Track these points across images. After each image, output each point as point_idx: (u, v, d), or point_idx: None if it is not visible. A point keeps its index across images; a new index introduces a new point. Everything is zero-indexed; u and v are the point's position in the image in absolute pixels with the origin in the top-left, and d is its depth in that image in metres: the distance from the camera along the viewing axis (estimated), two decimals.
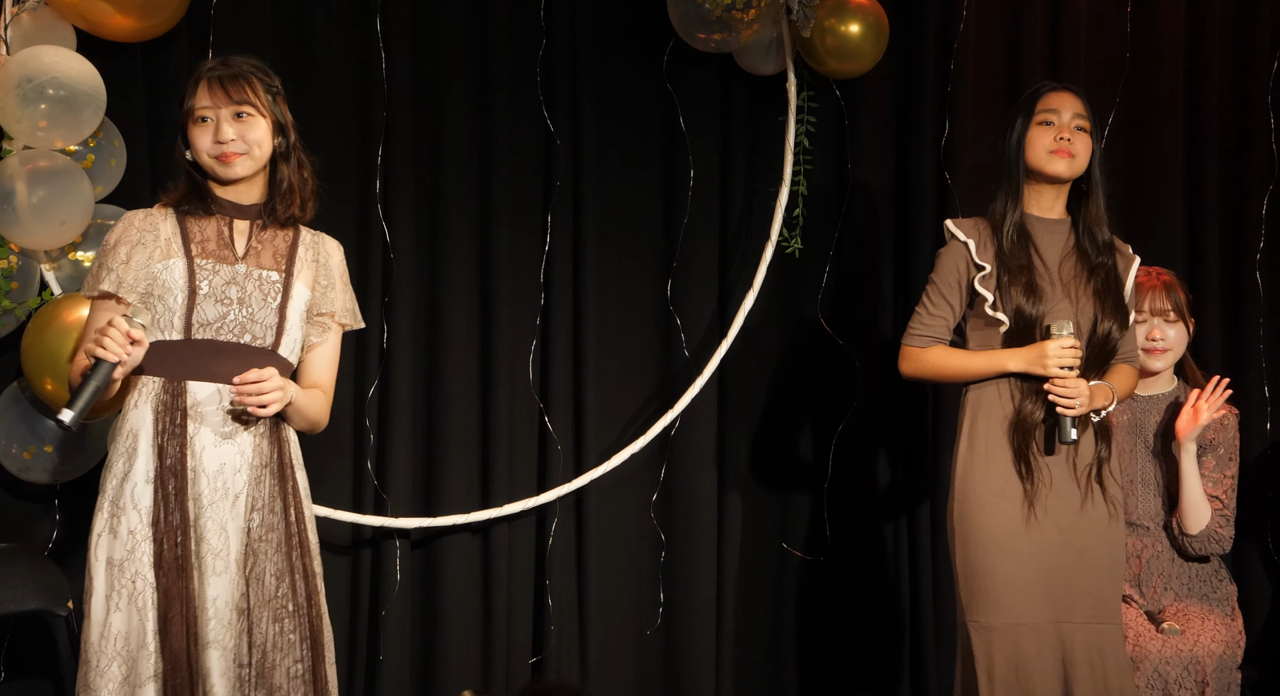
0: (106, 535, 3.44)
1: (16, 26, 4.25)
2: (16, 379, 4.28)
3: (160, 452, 3.44)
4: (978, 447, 3.98)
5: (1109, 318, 4.00)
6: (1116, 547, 4.00)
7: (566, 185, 4.87)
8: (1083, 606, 3.92)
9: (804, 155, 4.95)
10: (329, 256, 3.68)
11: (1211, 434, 4.42)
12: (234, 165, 3.53)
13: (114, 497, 3.45)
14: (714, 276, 5.01)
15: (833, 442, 5.03)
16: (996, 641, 3.91)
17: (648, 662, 4.95)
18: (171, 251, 3.51)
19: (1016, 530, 3.92)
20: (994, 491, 3.94)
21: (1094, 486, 3.96)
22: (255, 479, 3.50)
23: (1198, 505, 4.33)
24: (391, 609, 4.67)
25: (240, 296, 3.52)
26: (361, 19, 4.70)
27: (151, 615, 3.39)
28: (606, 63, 4.93)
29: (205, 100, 3.53)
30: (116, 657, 3.39)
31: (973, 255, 4.02)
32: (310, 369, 3.67)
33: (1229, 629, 4.30)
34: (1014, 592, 3.90)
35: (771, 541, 5.04)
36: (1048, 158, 4.01)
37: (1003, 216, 4.02)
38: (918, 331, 4.08)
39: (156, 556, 3.40)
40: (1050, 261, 4.01)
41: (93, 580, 3.42)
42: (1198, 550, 4.36)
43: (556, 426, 4.84)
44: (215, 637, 3.42)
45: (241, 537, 3.47)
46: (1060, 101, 4.04)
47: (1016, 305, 3.96)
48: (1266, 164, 5.15)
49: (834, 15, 4.80)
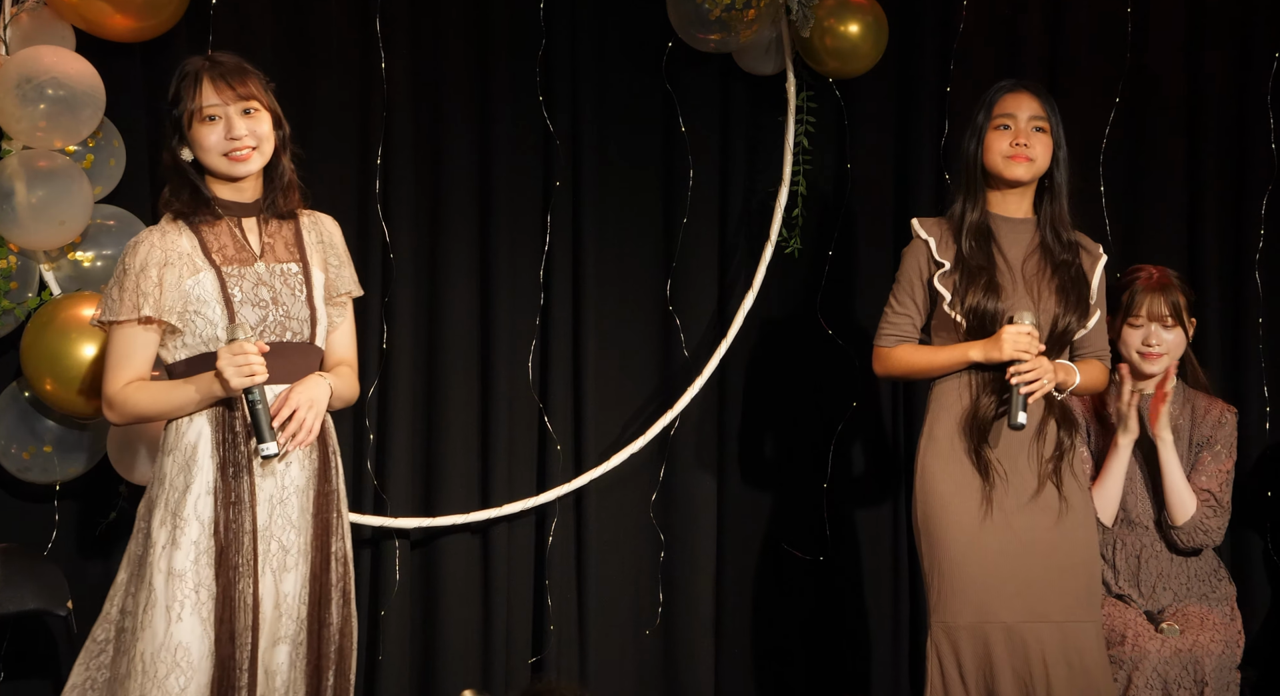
0: (170, 547, 3.42)
1: (16, 26, 4.25)
2: (16, 379, 4.29)
3: (221, 463, 3.45)
4: (938, 446, 4.00)
5: (1069, 313, 4.02)
6: (1079, 543, 3.98)
7: (566, 185, 4.87)
8: (1058, 605, 3.92)
9: (804, 155, 4.95)
10: (331, 234, 3.67)
11: (1209, 431, 4.42)
12: (249, 162, 3.51)
13: (174, 510, 3.43)
14: (714, 276, 5.01)
15: (833, 442, 5.03)
16: (964, 640, 3.92)
17: (648, 662, 4.95)
18: (197, 265, 3.49)
19: (977, 528, 3.93)
20: (954, 490, 3.96)
21: (1050, 480, 3.95)
22: (315, 471, 3.52)
23: (1181, 494, 4.34)
24: (391, 609, 4.67)
25: (272, 296, 3.51)
26: (361, 19, 4.70)
27: (213, 627, 3.40)
28: (606, 62, 4.93)
29: (212, 97, 3.49)
30: (175, 668, 3.38)
31: (932, 252, 4.05)
32: (335, 348, 3.67)
33: (1228, 629, 4.30)
34: (980, 591, 3.91)
35: (771, 541, 5.04)
36: (1005, 163, 4.02)
37: (961, 218, 4.05)
38: (885, 331, 4.13)
39: (217, 565, 3.41)
40: (1013, 260, 4.03)
41: (154, 591, 3.40)
42: (1186, 542, 4.36)
43: (556, 426, 4.84)
44: (287, 633, 3.47)
45: (308, 531, 3.50)
46: (1016, 104, 4.04)
47: (974, 303, 3.97)
48: (1266, 164, 5.15)
49: (834, 15, 4.80)
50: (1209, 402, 4.47)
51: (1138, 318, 4.38)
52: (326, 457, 3.56)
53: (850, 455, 5.04)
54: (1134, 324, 4.39)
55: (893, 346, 4.11)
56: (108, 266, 4.24)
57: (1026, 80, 4.17)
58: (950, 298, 4.00)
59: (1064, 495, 3.96)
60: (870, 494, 5.06)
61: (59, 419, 4.24)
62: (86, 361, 4.06)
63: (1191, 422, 4.44)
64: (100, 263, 4.28)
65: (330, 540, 3.54)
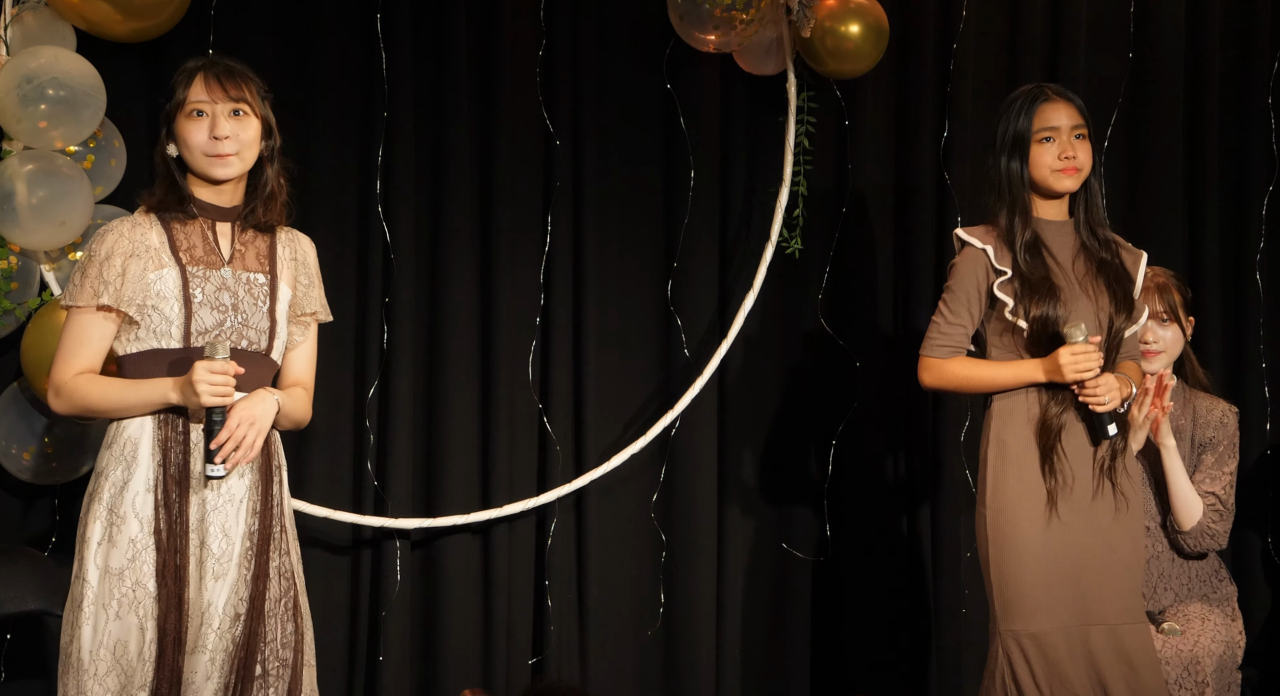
0: (105, 543, 3.39)
1: (16, 26, 4.25)
2: (16, 379, 4.29)
3: (163, 461, 3.42)
4: (1010, 455, 3.92)
5: (1120, 311, 3.99)
6: (1133, 543, 3.96)
7: (566, 185, 4.87)
8: (1112, 609, 3.89)
9: (804, 155, 4.95)
10: (305, 254, 3.64)
11: (1211, 431, 4.42)
12: (228, 166, 3.47)
13: (111, 506, 3.40)
14: (714, 276, 5.01)
15: (833, 443, 5.03)
16: (1036, 648, 3.86)
17: (648, 663, 4.95)
18: (163, 261, 3.46)
19: (1047, 534, 3.87)
20: (1026, 497, 3.89)
21: (1105, 481, 3.93)
22: (253, 483, 3.48)
23: (1187, 500, 4.33)
24: (391, 609, 4.67)
25: (234, 302, 3.49)
26: (361, 19, 4.70)
27: (151, 625, 3.37)
28: (606, 63, 4.93)
29: (201, 94, 3.47)
30: (115, 666, 3.36)
31: (992, 260, 3.96)
32: (292, 368, 3.63)
33: (1229, 629, 4.30)
34: (1052, 598, 3.86)
35: (772, 541, 5.04)
36: (1055, 177, 3.96)
37: (1011, 231, 3.96)
38: (938, 342, 4.01)
39: (159, 565, 3.38)
40: (1064, 262, 3.98)
41: (89, 586, 3.38)
42: (1192, 546, 4.36)
43: (556, 426, 4.84)
44: (204, 643, 3.40)
45: (243, 541, 3.45)
46: (1057, 114, 3.98)
47: (1040, 310, 3.91)
48: (1266, 164, 5.15)
49: (834, 16, 4.79)
50: (1211, 403, 4.46)
51: None
52: (270, 472, 3.51)
53: (851, 455, 5.04)
54: None
55: (946, 357, 4.01)
56: None
57: (1052, 86, 4.09)
58: (1013, 304, 3.94)
59: (1121, 493, 3.93)
60: (870, 494, 5.06)
61: (59, 419, 4.24)
62: None
63: (1193, 423, 4.44)
64: None
65: (269, 554, 3.47)
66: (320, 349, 3.71)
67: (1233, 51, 5.19)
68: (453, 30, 4.78)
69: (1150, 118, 5.16)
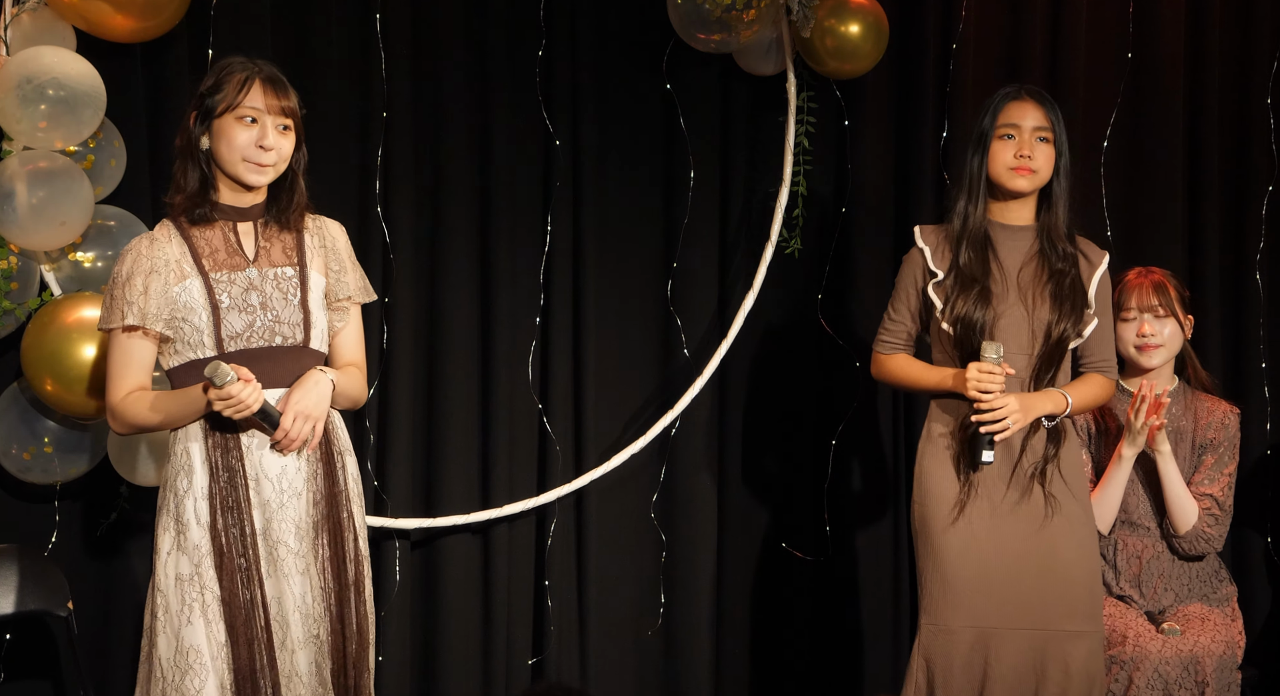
0: (175, 552, 3.46)
1: (16, 26, 4.25)
2: (16, 379, 4.28)
3: (213, 467, 3.46)
4: (936, 447, 4.01)
5: (1064, 320, 3.99)
6: (1074, 549, 3.95)
7: (566, 185, 4.87)
8: (1055, 613, 3.91)
9: (804, 155, 4.96)
10: (334, 240, 3.67)
11: (1213, 432, 4.42)
12: (263, 175, 3.52)
13: (177, 515, 3.47)
14: (714, 276, 5.02)
15: (833, 443, 5.03)
16: (956, 643, 3.92)
17: (648, 663, 4.95)
18: (185, 272, 3.50)
19: (972, 531, 3.93)
20: (949, 492, 3.96)
21: (1034, 487, 3.94)
22: (313, 473, 3.52)
23: (1183, 504, 4.34)
24: (391, 609, 4.67)
25: (262, 301, 3.52)
26: (361, 19, 4.70)
27: (220, 628, 3.42)
28: (606, 63, 4.93)
29: (258, 101, 3.50)
30: (189, 670, 3.40)
31: (928, 261, 4.04)
32: (342, 351, 3.67)
33: (1229, 629, 4.30)
34: (973, 595, 3.91)
35: (772, 541, 5.04)
36: (1009, 174, 4.00)
37: (960, 226, 4.02)
38: (882, 337, 4.16)
39: (218, 568, 3.43)
40: (1009, 268, 4.01)
41: (164, 596, 3.44)
42: (1187, 549, 4.37)
43: (556, 427, 4.84)
44: (306, 636, 3.47)
45: (309, 533, 3.50)
46: (1021, 113, 4.01)
47: (962, 312, 3.96)
48: (1266, 164, 5.15)
49: (834, 15, 4.80)
50: (1212, 404, 4.47)
51: (1129, 310, 4.39)
52: (331, 459, 3.55)
53: (850, 455, 5.04)
54: (1126, 318, 4.39)
55: (889, 354, 4.14)
56: (108, 267, 4.24)
57: (1030, 86, 4.12)
58: (942, 307, 4.00)
59: (1052, 500, 3.94)
60: (870, 494, 5.07)
61: (59, 419, 4.24)
62: (87, 362, 4.06)
63: (1194, 424, 4.44)
64: (101, 263, 4.28)
65: (344, 540, 3.53)
66: None
67: (1233, 51, 5.19)
68: (452, 30, 4.77)
69: (1150, 118, 5.17)
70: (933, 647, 3.94)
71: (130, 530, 4.39)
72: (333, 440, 3.57)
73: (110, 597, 4.45)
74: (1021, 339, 3.96)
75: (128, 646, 4.30)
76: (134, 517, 4.37)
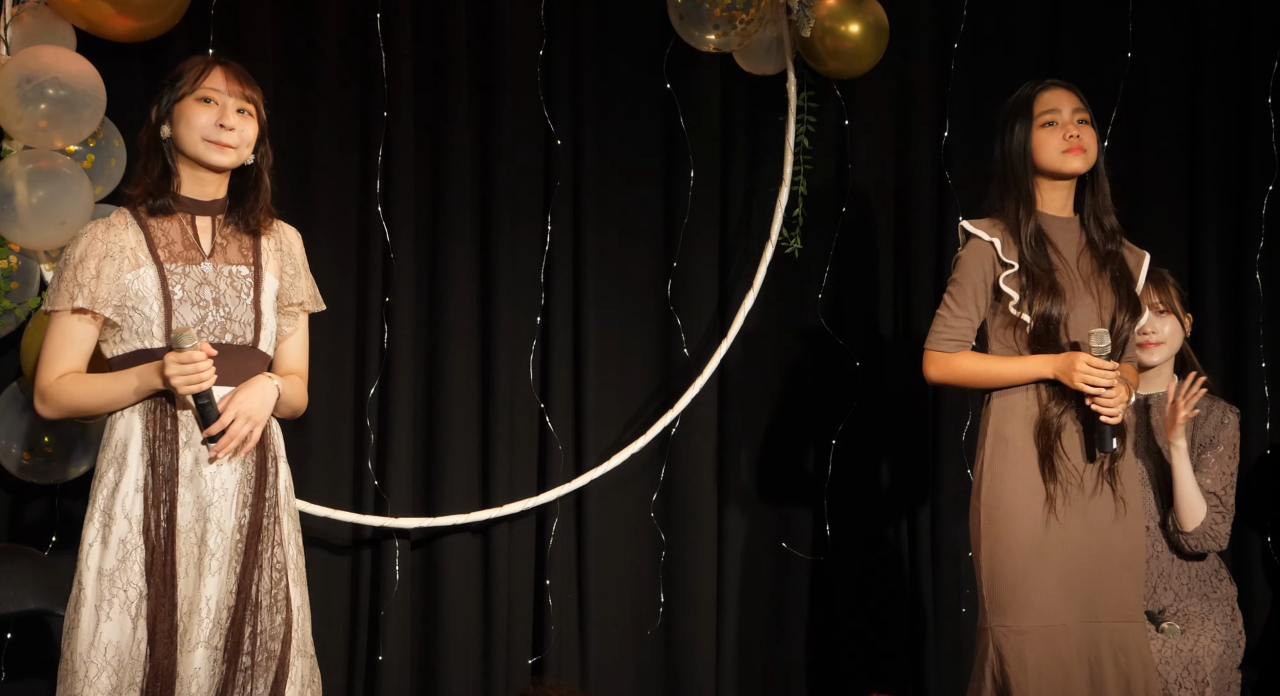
0: (98, 545, 3.41)
1: (16, 26, 4.25)
2: (16, 379, 4.29)
3: (152, 461, 3.42)
4: (1007, 451, 3.91)
5: (1123, 310, 3.98)
6: (1133, 543, 3.95)
7: (566, 185, 4.87)
8: (1107, 605, 3.89)
9: (804, 155, 4.96)
10: (291, 245, 3.65)
11: (1211, 431, 4.42)
12: (225, 154, 3.49)
13: (104, 507, 3.43)
14: (714, 276, 5.01)
15: (833, 443, 5.03)
16: (1029, 644, 3.85)
17: (648, 663, 4.95)
18: (140, 260, 3.47)
19: (1043, 532, 3.87)
20: (1023, 494, 3.88)
21: (1105, 483, 3.93)
22: (246, 476, 3.48)
23: (1192, 501, 4.33)
24: (391, 609, 4.67)
25: (215, 296, 3.49)
26: (361, 19, 4.70)
27: (142, 624, 3.38)
28: (606, 63, 4.93)
29: (218, 83, 3.51)
30: (106, 667, 3.37)
31: (999, 253, 3.96)
32: (286, 357, 3.65)
33: (1229, 629, 4.30)
34: (1044, 595, 3.86)
35: (772, 541, 5.04)
36: (1062, 158, 3.96)
37: (1018, 221, 3.96)
38: (944, 335, 4.00)
39: (148, 564, 3.39)
40: (1069, 259, 3.97)
41: (83, 589, 3.40)
42: (1194, 547, 4.36)
43: (556, 426, 4.84)
44: (206, 637, 3.41)
45: (233, 535, 3.45)
46: (1058, 99, 4.00)
47: (1042, 308, 3.91)
48: (1266, 164, 5.15)
49: (834, 15, 4.79)
50: (1211, 403, 4.46)
51: None
52: (264, 464, 3.51)
53: (850, 455, 5.04)
54: None
55: (953, 351, 3.99)
56: None
57: (1054, 78, 4.11)
58: (1018, 299, 3.93)
59: (1120, 496, 3.92)
60: (871, 494, 5.06)
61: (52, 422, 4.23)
62: None
63: (1193, 423, 4.43)
64: None
65: (259, 546, 3.46)
66: (320, 348, 3.72)
67: (1233, 51, 5.19)
68: (453, 30, 4.77)
69: (1150, 118, 5.17)
70: (1006, 648, 3.86)
71: None
72: (269, 446, 3.52)
73: None
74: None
75: None
76: None
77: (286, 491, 3.57)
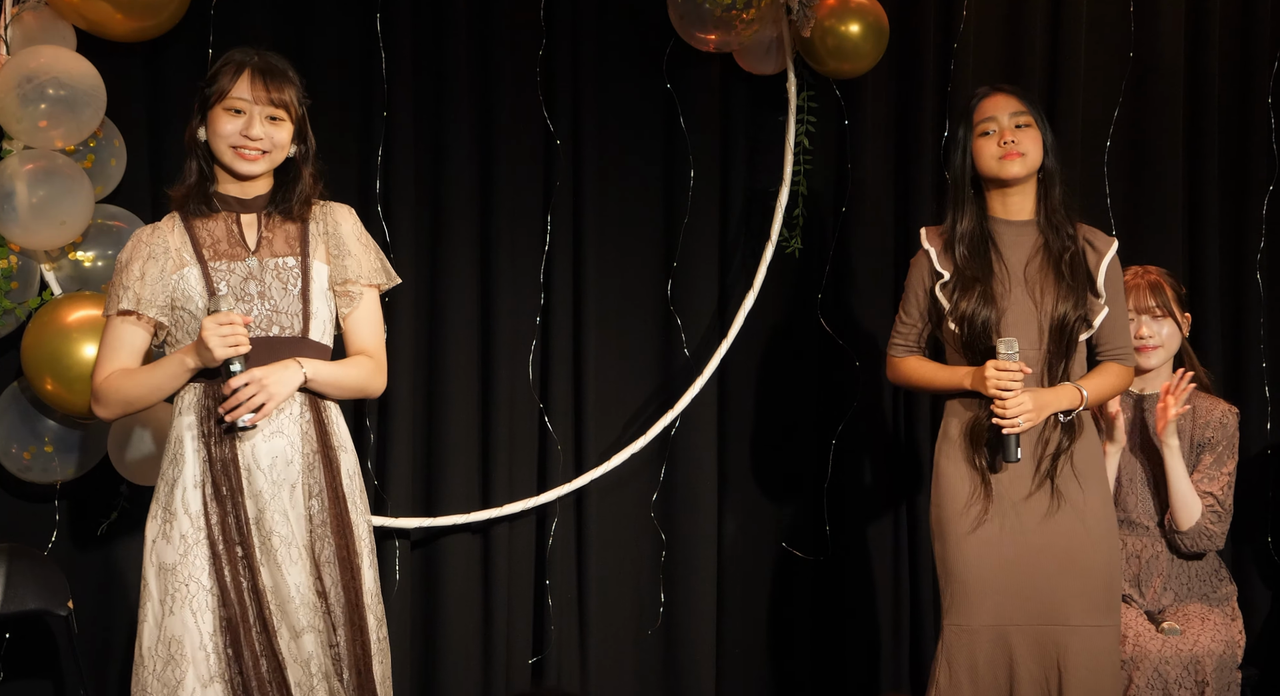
0: (160, 541, 3.46)
1: (17, 26, 4.25)
2: (16, 379, 4.29)
3: (208, 457, 3.45)
4: (950, 452, 4.00)
5: (1073, 310, 3.98)
6: (1074, 540, 3.93)
7: (566, 185, 4.87)
8: (1075, 608, 3.91)
9: (804, 155, 4.96)
10: (337, 225, 3.64)
11: (1211, 431, 4.42)
12: (254, 163, 3.53)
13: (165, 504, 3.47)
14: (714, 276, 5.01)
15: (833, 442, 5.03)
16: (981, 643, 3.91)
17: (648, 662, 4.95)
18: (184, 260, 3.52)
19: (990, 530, 3.92)
20: (963, 495, 3.96)
21: (1046, 483, 3.94)
22: (307, 466, 3.50)
23: (1186, 500, 4.33)
24: (391, 609, 4.65)
25: (260, 290, 3.52)
26: (361, 19, 4.70)
27: (208, 618, 3.41)
28: (606, 62, 4.93)
29: (245, 92, 3.51)
30: (171, 660, 3.40)
31: (934, 263, 4.04)
32: (352, 338, 3.66)
33: (1229, 629, 4.30)
34: (995, 594, 3.91)
35: (772, 541, 5.04)
36: (998, 164, 4.00)
37: (953, 228, 4.04)
38: (894, 341, 4.17)
39: (214, 559, 3.42)
40: (1014, 264, 4.01)
41: (148, 585, 3.45)
42: (1189, 546, 4.36)
43: (556, 426, 4.84)
44: (309, 623, 3.45)
45: (305, 525, 3.48)
46: (994, 106, 4.02)
47: (966, 311, 3.96)
48: (1266, 164, 5.15)
49: (834, 15, 4.80)
50: (1211, 403, 4.46)
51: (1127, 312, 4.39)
52: (327, 453, 3.53)
53: (850, 455, 5.04)
54: None
55: (902, 357, 4.15)
56: (108, 266, 4.25)
57: (999, 83, 4.17)
58: (949, 307, 4.00)
59: (1058, 492, 3.94)
60: (870, 493, 5.06)
61: (59, 419, 4.24)
62: (88, 361, 4.06)
63: (1192, 423, 4.43)
64: (101, 263, 4.29)
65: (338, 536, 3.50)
66: None
67: (1233, 51, 5.19)
68: (452, 30, 4.78)
69: (1150, 118, 5.17)
70: (955, 648, 3.92)
71: (130, 529, 4.39)
72: (329, 434, 3.55)
73: (110, 597, 4.46)
74: (1031, 334, 3.96)
75: (127, 646, 4.30)
76: (134, 517, 4.36)
77: (350, 479, 3.57)
